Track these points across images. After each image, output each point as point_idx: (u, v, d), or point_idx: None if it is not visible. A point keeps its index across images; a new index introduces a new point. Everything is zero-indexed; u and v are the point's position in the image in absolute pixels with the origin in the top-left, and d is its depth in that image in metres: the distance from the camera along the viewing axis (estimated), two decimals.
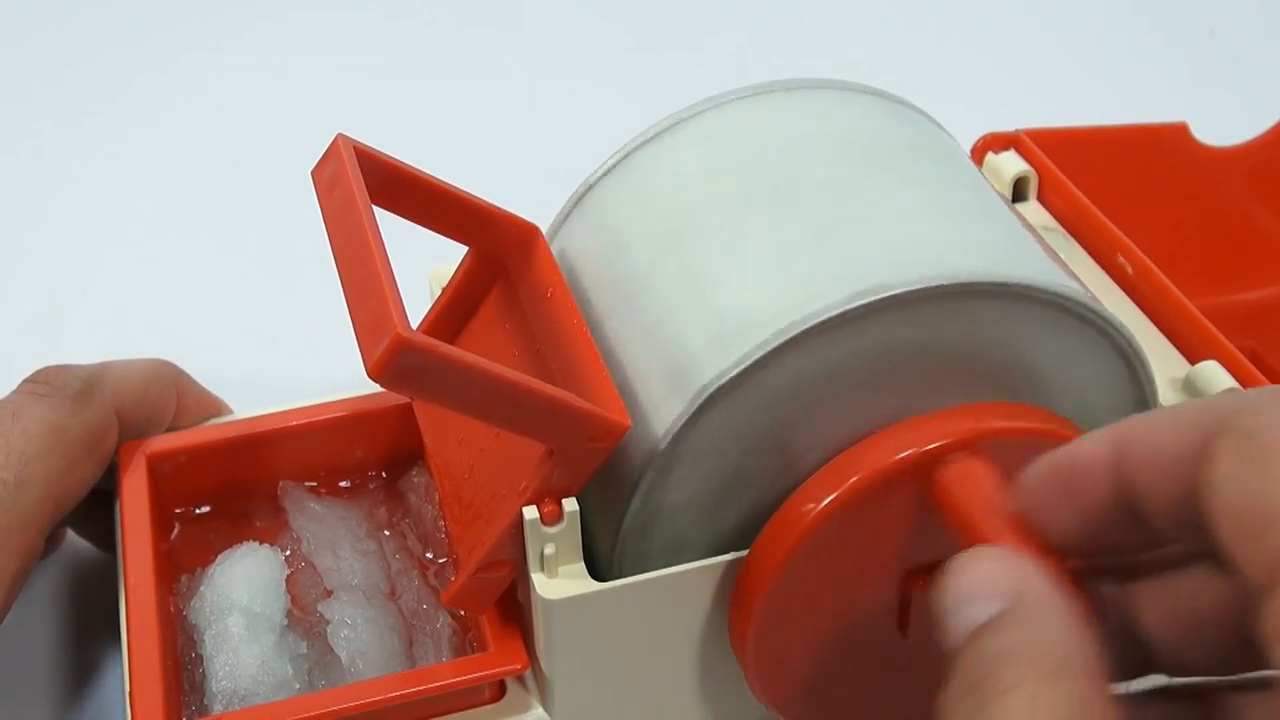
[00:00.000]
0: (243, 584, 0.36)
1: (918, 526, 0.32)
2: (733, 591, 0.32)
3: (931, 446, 0.31)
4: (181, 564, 0.38)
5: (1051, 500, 0.27)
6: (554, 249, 0.37)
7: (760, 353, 0.30)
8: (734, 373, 0.30)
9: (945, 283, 0.31)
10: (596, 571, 0.32)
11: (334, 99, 0.69)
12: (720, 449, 0.31)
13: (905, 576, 0.33)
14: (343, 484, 0.40)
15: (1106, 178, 0.47)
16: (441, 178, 0.35)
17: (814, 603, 0.32)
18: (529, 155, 0.64)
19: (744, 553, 0.32)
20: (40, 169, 0.65)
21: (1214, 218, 0.51)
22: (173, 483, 0.39)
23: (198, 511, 0.40)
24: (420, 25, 0.74)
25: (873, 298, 0.30)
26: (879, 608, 0.33)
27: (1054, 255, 0.35)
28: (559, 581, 0.32)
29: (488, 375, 0.29)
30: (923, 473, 0.31)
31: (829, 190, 0.34)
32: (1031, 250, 0.34)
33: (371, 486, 0.41)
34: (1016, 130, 0.46)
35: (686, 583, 0.32)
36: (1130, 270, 0.41)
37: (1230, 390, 0.36)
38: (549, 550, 0.31)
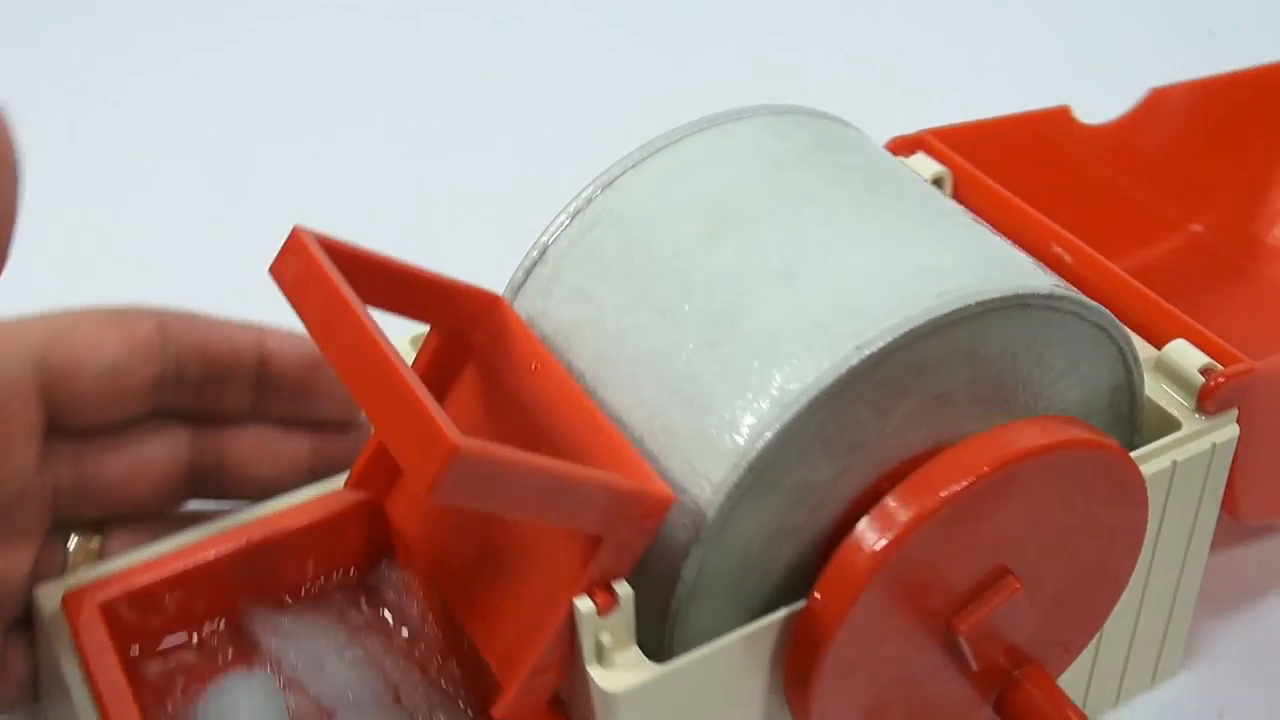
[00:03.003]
0: (244, 717, 0.33)
1: (960, 562, 0.31)
2: (790, 647, 0.31)
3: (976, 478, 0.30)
4: (162, 696, 0.35)
5: None
6: (521, 315, 0.35)
7: (799, 405, 0.29)
8: (777, 427, 0.29)
9: (955, 309, 0.30)
10: (644, 650, 0.31)
11: (336, 99, 0.68)
12: (764, 506, 0.30)
13: (951, 615, 0.32)
14: (305, 589, 0.38)
15: (1004, 166, 0.47)
16: (393, 254, 0.33)
17: (875, 650, 0.31)
18: (528, 155, 0.63)
19: (800, 604, 0.31)
20: (41, 168, 0.62)
21: (1091, 191, 0.52)
22: (131, 625, 0.35)
23: (166, 646, 0.36)
24: (419, 26, 0.75)
25: (898, 334, 0.30)
26: (935, 650, 0.32)
27: (1029, 257, 0.35)
28: (619, 672, 0.29)
29: (544, 471, 0.27)
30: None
31: (814, 226, 0.33)
32: (1013, 257, 0.33)
33: (336, 587, 0.38)
34: (919, 131, 0.46)
35: (749, 647, 0.31)
36: (1069, 259, 0.42)
37: None
38: (605, 639, 0.29)
